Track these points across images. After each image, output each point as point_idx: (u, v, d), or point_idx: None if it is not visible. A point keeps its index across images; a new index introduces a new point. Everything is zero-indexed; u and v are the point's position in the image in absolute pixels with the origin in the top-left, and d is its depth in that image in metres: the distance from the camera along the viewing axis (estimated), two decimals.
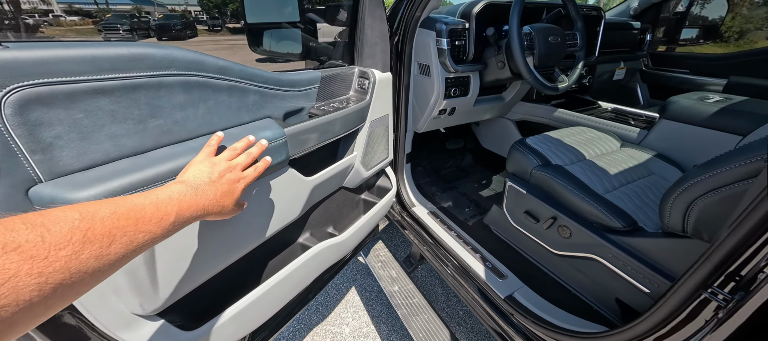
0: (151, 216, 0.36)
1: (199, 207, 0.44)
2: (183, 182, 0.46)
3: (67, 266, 0.27)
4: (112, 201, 0.34)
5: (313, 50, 1.27)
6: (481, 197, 1.67)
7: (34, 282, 0.25)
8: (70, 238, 0.28)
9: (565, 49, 1.23)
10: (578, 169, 1.06)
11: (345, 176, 1.13)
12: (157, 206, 0.38)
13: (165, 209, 0.39)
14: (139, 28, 13.67)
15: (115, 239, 0.31)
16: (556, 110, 1.61)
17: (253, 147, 0.61)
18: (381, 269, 1.66)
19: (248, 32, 1.27)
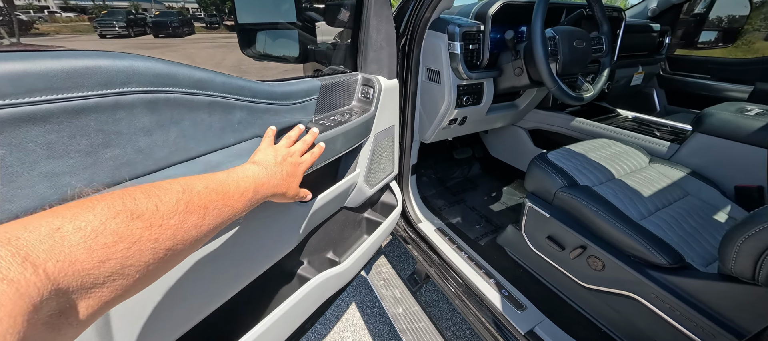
0: (233, 192, 0.39)
1: (271, 186, 0.47)
2: (255, 163, 0.50)
3: (174, 234, 0.30)
4: (203, 177, 0.38)
5: (312, 54, 1.15)
6: (492, 212, 1.56)
7: (151, 247, 0.27)
8: (177, 209, 0.31)
9: (590, 55, 1.11)
10: (609, 190, 0.95)
11: (347, 196, 1.02)
12: (237, 183, 0.41)
13: (245, 186, 0.42)
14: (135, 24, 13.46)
15: (208, 211, 0.34)
16: (574, 119, 1.49)
17: (307, 135, 0.66)
18: (384, 288, 1.54)
19: (240, 33, 1.15)
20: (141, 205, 0.29)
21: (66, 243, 0.23)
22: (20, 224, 0.23)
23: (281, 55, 1.16)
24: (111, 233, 0.26)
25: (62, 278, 0.22)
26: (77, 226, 0.25)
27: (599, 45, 1.16)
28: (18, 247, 0.21)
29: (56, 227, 0.24)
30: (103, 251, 0.25)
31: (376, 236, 1.09)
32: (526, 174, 1.09)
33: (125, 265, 0.26)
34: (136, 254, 0.27)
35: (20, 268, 0.20)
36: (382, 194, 1.30)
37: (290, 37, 1.14)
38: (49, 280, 0.21)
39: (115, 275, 0.25)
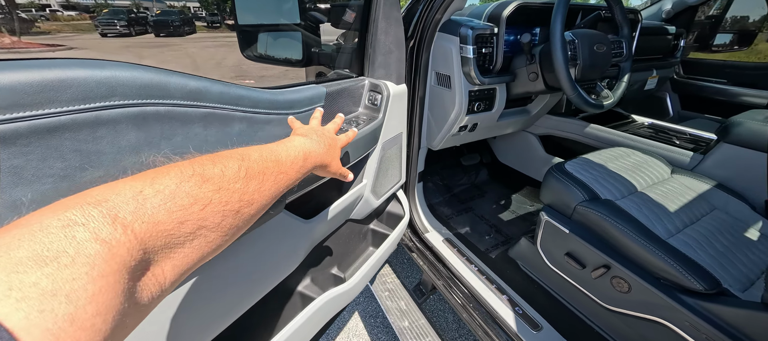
0: (285, 160, 0.40)
1: (317, 155, 0.48)
2: (300, 134, 0.51)
3: (240, 197, 0.32)
4: (256, 147, 0.38)
5: (316, 57, 1.10)
6: (502, 221, 1.50)
7: (221, 209, 0.29)
8: (239, 174, 0.32)
9: (611, 60, 1.05)
10: (632, 205, 0.89)
11: (353, 209, 0.96)
12: (288, 151, 0.42)
13: (295, 154, 0.43)
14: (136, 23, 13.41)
15: (265, 177, 0.35)
16: (588, 126, 1.43)
17: (335, 117, 0.68)
18: (388, 299, 1.49)
19: (240, 34, 1.09)
20: (209, 170, 0.30)
21: (148, 205, 0.24)
22: (107, 188, 0.24)
23: (283, 57, 1.10)
24: (186, 196, 0.27)
25: (148, 238, 0.23)
26: (157, 189, 0.25)
27: (619, 49, 1.10)
28: (108, 208, 0.22)
29: (139, 190, 0.25)
30: (181, 212, 0.26)
31: (383, 249, 1.04)
32: (542, 185, 1.03)
33: (201, 226, 0.27)
34: (209, 215, 0.28)
35: (111, 228, 0.21)
36: (388, 204, 1.24)
37: (293, 38, 1.08)
38: (137, 240, 0.22)
39: (193, 235, 0.27)
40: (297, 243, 0.72)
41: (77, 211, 0.20)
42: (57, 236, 0.18)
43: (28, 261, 0.16)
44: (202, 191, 0.28)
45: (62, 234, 0.18)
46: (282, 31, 1.10)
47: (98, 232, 0.20)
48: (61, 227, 0.19)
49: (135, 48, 10.04)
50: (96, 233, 0.20)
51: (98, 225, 0.20)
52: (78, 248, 0.18)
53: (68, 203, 0.21)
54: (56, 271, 0.17)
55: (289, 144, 0.44)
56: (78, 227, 0.19)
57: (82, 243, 0.19)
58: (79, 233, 0.19)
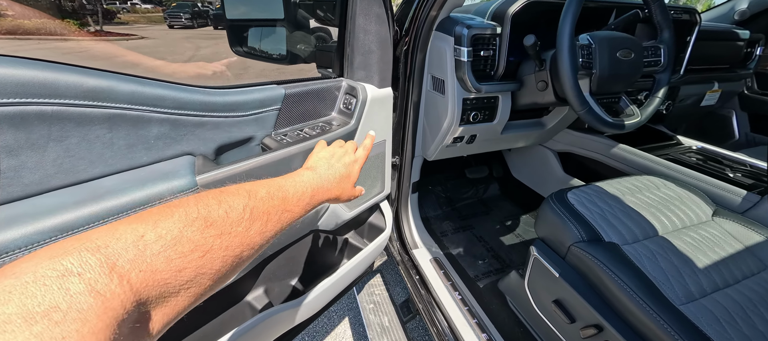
0: (292, 197, 0.39)
1: (324, 190, 0.46)
2: (309, 168, 0.48)
3: (242, 241, 0.30)
4: (264, 183, 0.37)
5: (300, 54, 1.04)
6: (502, 245, 1.34)
7: (221, 255, 0.28)
8: (243, 216, 0.31)
9: (640, 70, 0.86)
10: (645, 252, 0.72)
11: (315, 220, 0.90)
12: (296, 188, 0.40)
13: (302, 191, 0.41)
14: (198, 16, 14.60)
15: (270, 217, 0.34)
16: (616, 145, 1.22)
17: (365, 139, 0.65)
18: (372, 313, 1.41)
19: (229, 30, 1.07)
20: (213, 212, 0.29)
21: (148, 252, 0.23)
22: (108, 231, 0.23)
23: (269, 54, 1.07)
24: (188, 242, 0.26)
25: (144, 288, 0.22)
26: (159, 234, 0.25)
27: (655, 56, 0.90)
28: (107, 256, 0.21)
29: (140, 234, 0.24)
30: (181, 260, 0.25)
31: (352, 264, 0.96)
32: (537, 216, 0.88)
33: (198, 273, 0.26)
34: (208, 262, 0.27)
35: (107, 279, 0.20)
36: (371, 215, 1.16)
37: (279, 35, 1.04)
38: (133, 291, 0.21)
39: (190, 283, 0.26)
40: None
41: (74, 258, 0.20)
42: (50, 288, 0.17)
43: (16, 318, 0.16)
44: (204, 236, 0.27)
45: (56, 286, 0.18)
46: (269, 27, 1.06)
47: (94, 283, 0.19)
48: (55, 277, 0.18)
49: (194, 39, 10.92)
50: (91, 285, 0.19)
51: (95, 275, 0.19)
52: (71, 303, 0.17)
53: (67, 246, 0.20)
54: (46, 329, 0.16)
55: (297, 179, 0.43)
56: (73, 277, 0.19)
57: (75, 297, 0.18)
58: (73, 285, 0.18)
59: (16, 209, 0.40)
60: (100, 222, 0.43)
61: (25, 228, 0.38)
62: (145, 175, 0.50)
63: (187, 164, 0.54)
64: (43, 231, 0.39)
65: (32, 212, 0.40)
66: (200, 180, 0.53)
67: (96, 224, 0.42)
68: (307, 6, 1.05)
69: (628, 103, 0.92)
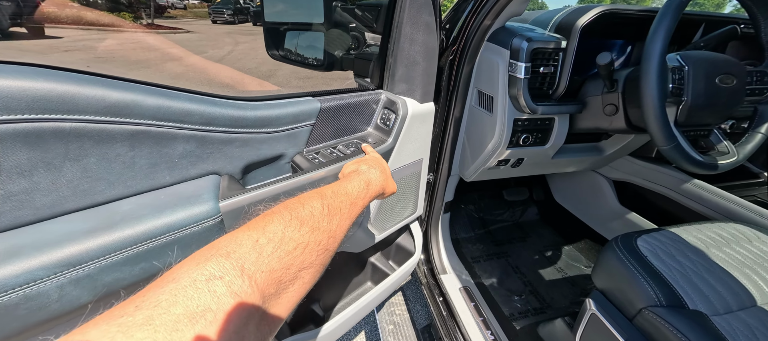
0: (352, 193, 0.43)
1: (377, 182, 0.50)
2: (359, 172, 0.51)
3: (329, 235, 0.34)
4: (327, 187, 0.41)
5: (338, 61, 0.98)
6: (541, 280, 1.21)
7: (316, 249, 0.32)
8: (323, 213, 0.35)
9: (741, 100, 0.71)
10: (742, 328, 0.58)
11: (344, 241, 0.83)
12: (352, 185, 0.44)
13: (359, 186, 0.45)
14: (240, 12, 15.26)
15: (342, 212, 0.38)
16: (689, 181, 1.05)
17: None
18: (391, 335, 1.33)
19: (266, 32, 1.04)
20: (302, 212, 0.33)
21: (265, 254, 0.26)
22: (230, 239, 0.26)
23: (305, 59, 1.02)
24: (290, 240, 0.29)
25: (265, 288, 0.25)
26: (269, 237, 0.28)
27: (761, 85, 0.74)
28: (236, 260, 0.24)
29: (255, 239, 0.27)
30: (288, 258, 0.28)
31: (377, 292, 0.89)
32: (596, 261, 0.75)
33: (301, 268, 0.29)
34: (308, 256, 0.30)
35: (240, 281, 0.23)
36: (400, 235, 1.08)
37: (317, 40, 0.98)
38: (259, 291, 0.24)
39: (295, 278, 0.29)
40: None
41: (214, 264, 0.23)
42: (202, 291, 0.21)
43: (183, 318, 0.19)
44: (301, 233, 0.30)
45: (206, 289, 0.21)
46: (307, 31, 1.01)
47: (232, 285, 0.22)
48: (204, 281, 0.21)
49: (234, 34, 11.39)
50: (230, 288, 0.22)
51: (232, 278, 0.23)
52: (219, 304, 0.21)
53: (206, 255, 0.24)
54: (204, 328, 0.19)
55: (350, 179, 0.46)
56: (217, 281, 0.22)
57: (221, 298, 0.21)
58: (218, 287, 0.22)
59: (21, 238, 0.35)
60: (112, 255, 0.38)
61: (29, 262, 0.33)
62: (165, 199, 0.45)
63: (211, 187, 0.49)
64: (48, 266, 0.34)
65: (39, 241, 0.35)
66: (223, 207, 0.47)
67: (108, 256, 0.38)
68: (348, 10, 0.99)
69: (720, 137, 0.77)
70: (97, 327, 0.17)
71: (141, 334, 0.17)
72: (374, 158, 0.60)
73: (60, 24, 8.82)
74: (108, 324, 0.17)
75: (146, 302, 0.19)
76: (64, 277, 0.35)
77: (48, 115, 0.36)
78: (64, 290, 0.35)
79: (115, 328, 0.17)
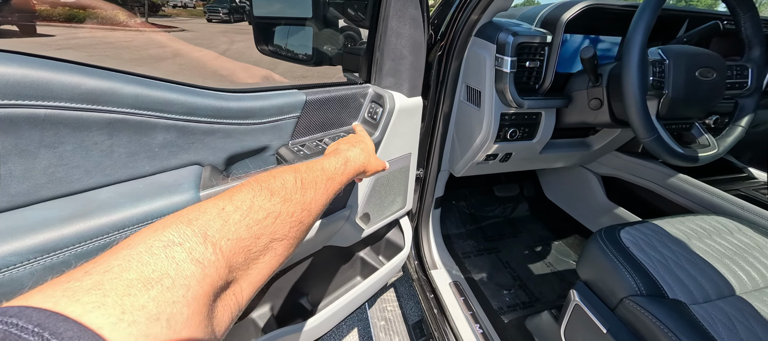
0: (329, 169, 0.42)
1: (356, 159, 0.49)
2: (338, 150, 0.50)
3: (302, 207, 0.33)
4: (304, 163, 0.40)
5: (326, 56, 0.98)
6: (531, 274, 1.22)
7: (288, 220, 0.31)
8: (296, 185, 0.34)
9: (721, 93, 0.72)
10: (720, 317, 0.59)
11: (331, 236, 0.83)
12: (329, 162, 0.43)
13: (336, 163, 0.44)
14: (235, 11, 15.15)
15: (318, 186, 0.37)
16: (674, 175, 1.06)
17: None
18: (382, 331, 1.34)
19: (255, 28, 1.03)
20: (273, 184, 0.32)
21: (231, 221, 0.25)
22: (194, 208, 0.25)
23: (295, 54, 1.02)
24: (260, 209, 0.28)
25: (232, 256, 0.24)
26: (236, 205, 0.27)
27: (741, 78, 0.75)
28: (199, 227, 0.23)
29: (221, 207, 0.26)
30: (257, 227, 0.27)
31: (365, 286, 0.89)
32: (581, 253, 0.76)
33: (273, 239, 0.29)
34: (279, 227, 0.29)
35: (203, 248, 0.22)
36: (390, 229, 1.08)
37: (305, 35, 0.98)
38: (224, 259, 0.23)
39: (266, 249, 0.28)
40: None
41: (174, 231, 0.22)
42: (159, 257, 0.20)
43: (137, 282, 0.18)
44: (272, 203, 0.30)
45: (164, 255, 0.20)
46: (295, 26, 1.01)
47: (193, 252, 0.21)
48: (161, 247, 0.20)
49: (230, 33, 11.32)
50: (191, 254, 0.21)
51: (193, 245, 0.22)
52: (178, 270, 0.20)
53: (166, 222, 0.23)
54: (160, 294, 0.18)
55: (327, 157, 0.45)
56: (176, 247, 0.21)
57: (180, 265, 0.20)
58: (177, 253, 0.21)
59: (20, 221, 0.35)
60: (88, 242, 0.38)
61: (1, 248, 0.33)
62: (145, 188, 0.45)
63: (191, 177, 0.49)
64: (21, 252, 0.34)
65: (13, 228, 0.35)
66: (204, 196, 0.47)
67: (83, 244, 0.38)
68: (337, 5, 0.99)
69: (701, 130, 0.78)
70: (41, 293, 0.16)
71: (88, 298, 0.16)
72: (356, 137, 0.58)
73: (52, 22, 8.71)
74: (53, 289, 0.16)
75: (97, 268, 0.18)
76: (37, 264, 0.35)
77: (21, 101, 0.36)
78: (37, 276, 0.35)
79: (60, 293, 0.16)
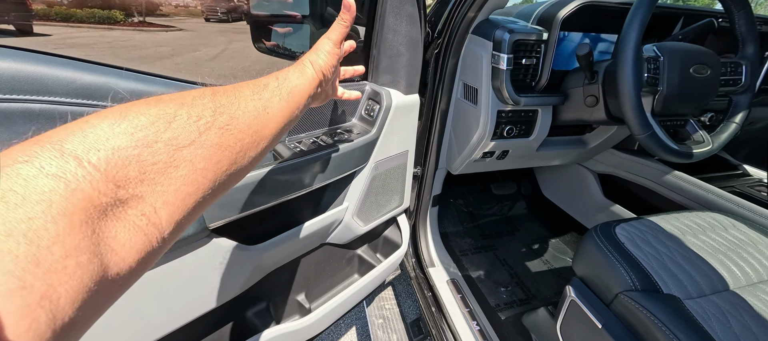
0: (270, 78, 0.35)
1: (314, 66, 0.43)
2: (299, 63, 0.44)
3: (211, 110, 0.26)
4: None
5: None
6: (528, 272, 1.23)
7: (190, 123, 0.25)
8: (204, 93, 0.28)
9: (716, 90, 0.73)
10: (714, 312, 0.60)
11: (328, 234, 0.83)
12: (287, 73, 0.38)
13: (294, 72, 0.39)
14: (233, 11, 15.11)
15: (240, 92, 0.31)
16: (670, 172, 1.07)
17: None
18: (380, 329, 1.34)
19: (252, 25, 1.03)
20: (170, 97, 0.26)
21: (99, 131, 0.21)
22: (53, 131, 0.21)
23: (293, 52, 1.01)
24: (140, 114, 0.23)
25: (112, 168, 0.20)
26: (103, 116, 0.22)
27: (735, 75, 0.76)
28: (51, 142, 0.19)
29: (84, 120, 0.22)
30: (141, 132, 0.22)
31: (362, 283, 0.89)
32: (577, 249, 0.77)
33: (176, 147, 0.23)
34: (179, 131, 0.24)
35: (60, 161, 0.18)
36: (387, 228, 1.08)
37: (303, 32, 0.98)
38: (100, 172, 0.19)
39: (173, 161, 0.23)
40: (234, 270, 0.62)
41: (18, 151, 0.18)
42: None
43: None
44: (161, 108, 0.24)
45: (4, 174, 0.17)
46: (293, 23, 1.01)
47: (46, 167, 0.18)
48: (3, 167, 0.17)
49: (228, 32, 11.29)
50: (43, 169, 0.17)
51: (44, 160, 0.18)
52: (27, 186, 0.16)
53: (11, 149, 0.19)
54: (6, 212, 0.15)
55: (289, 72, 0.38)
56: (22, 164, 0.17)
57: (30, 180, 0.17)
58: (23, 169, 0.17)
59: None
60: None
61: None
62: None
63: None
64: None
65: None
66: None
67: None
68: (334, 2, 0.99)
69: (696, 127, 0.79)
70: None
71: None
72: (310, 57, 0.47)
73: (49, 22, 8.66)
74: None
75: None
76: None
77: (16, 95, 0.36)
78: None
79: None
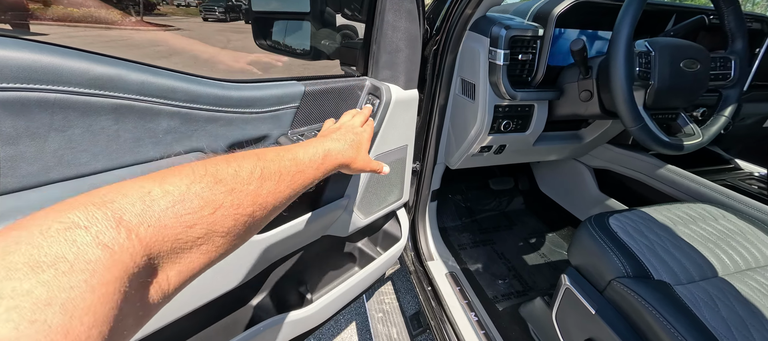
0: (303, 158, 0.39)
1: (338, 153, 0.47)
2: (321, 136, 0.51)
3: (254, 200, 0.30)
4: (273, 149, 0.38)
5: (324, 50, 1.00)
6: (525, 265, 1.25)
7: (233, 212, 0.28)
8: (253, 175, 0.31)
9: (706, 84, 0.75)
10: (703, 297, 0.62)
11: (329, 225, 0.85)
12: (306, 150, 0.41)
13: (314, 153, 0.42)
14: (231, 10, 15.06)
15: (282, 177, 0.34)
16: (663, 166, 1.09)
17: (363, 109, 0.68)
18: (380, 323, 1.36)
19: (254, 23, 1.05)
20: (222, 170, 0.29)
21: (156, 207, 0.23)
22: (114, 188, 0.23)
23: (293, 49, 1.03)
24: (196, 197, 0.25)
25: (153, 243, 0.22)
26: (165, 190, 0.24)
27: (724, 69, 0.78)
28: (113, 210, 0.21)
29: (147, 190, 0.23)
30: (190, 216, 0.24)
31: (362, 275, 0.91)
32: (571, 240, 0.79)
33: (210, 230, 0.26)
34: (220, 219, 0.27)
35: (114, 232, 0.20)
36: (387, 222, 1.10)
37: (303, 30, 1.00)
38: (142, 245, 0.21)
39: (202, 240, 0.25)
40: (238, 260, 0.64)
41: (80, 213, 0.19)
42: (56, 240, 0.17)
43: (23, 266, 0.15)
44: (214, 193, 0.27)
45: (62, 238, 0.17)
46: (294, 20, 1.02)
47: (100, 236, 0.19)
48: (62, 229, 0.18)
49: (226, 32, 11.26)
50: (98, 238, 0.19)
51: (101, 228, 0.19)
52: (78, 254, 0.17)
53: (73, 203, 0.20)
54: (53, 279, 0.16)
55: (307, 145, 0.43)
56: (80, 230, 0.18)
57: (82, 248, 0.18)
58: (80, 237, 0.18)
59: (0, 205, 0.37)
60: None
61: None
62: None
63: None
64: None
65: (15, 208, 0.37)
66: None
67: None
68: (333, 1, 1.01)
69: (687, 120, 0.81)
70: None
71: None
72: (350, 127, 0.55)
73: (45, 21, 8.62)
74: None
75: None
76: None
77: (33, 85, 0.38)
78: None
79: None
